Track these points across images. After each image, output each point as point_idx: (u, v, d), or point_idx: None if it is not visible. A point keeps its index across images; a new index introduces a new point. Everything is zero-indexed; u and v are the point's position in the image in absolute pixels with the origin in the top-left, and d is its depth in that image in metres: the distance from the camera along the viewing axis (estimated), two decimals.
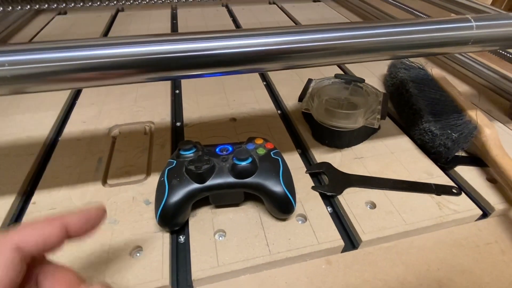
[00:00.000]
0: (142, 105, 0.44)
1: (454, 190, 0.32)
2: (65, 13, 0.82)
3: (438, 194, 0.32)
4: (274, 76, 0.53)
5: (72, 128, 0.40)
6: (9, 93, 0.20)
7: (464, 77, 0.52)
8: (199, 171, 0.26)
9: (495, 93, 0.48)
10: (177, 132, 0.40)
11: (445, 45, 0.24)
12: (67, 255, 0.26)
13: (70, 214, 0.18)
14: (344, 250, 0.28)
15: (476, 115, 0.36)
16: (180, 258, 0.27)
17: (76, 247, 0.26)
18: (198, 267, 0.25)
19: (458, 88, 0.42)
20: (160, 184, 0.27)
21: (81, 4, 0.68)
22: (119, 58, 0.22)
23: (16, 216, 0.30)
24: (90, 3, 0.71)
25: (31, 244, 0.16)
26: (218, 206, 0.30)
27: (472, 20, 0.25)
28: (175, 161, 0.29)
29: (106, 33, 0.70)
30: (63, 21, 0.76)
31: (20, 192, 0.31)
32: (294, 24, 0.75)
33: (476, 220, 0.31)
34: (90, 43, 0.22)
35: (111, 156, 0.36)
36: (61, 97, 0.46)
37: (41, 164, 0.35)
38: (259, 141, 0.31)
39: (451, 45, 0.25)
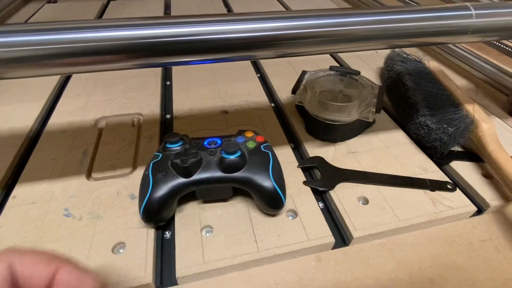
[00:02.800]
0: (131, 97, 0.43)
1: (448, 186, 0.31)
2: (55, 1, 0.79)
3: (433, 190, 0.31)
4: (268, 68, 0.51)
5: (57, 119, 0.39)
6: None
7: (461, 71, 0.51)
8: (185, 165, 0.25)
9: (493, 88, 0.47)
10: (166, 125, 0.39)
11: (443, 34, 0.23)
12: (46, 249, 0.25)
13: (70, 265, 0.16)
14: (335, 246, 0.27)
15: (473, 110, 0.35)
16: (164, 254, 0.26)
17: (56, 243, 0.25)
18: (183, 264, 0.24)
19: (456, 82, 0.41)
20: (145, 178, 0.26)
21: None
22: (104, 42, 0.20)
23: None
24: None
25: (23, 273, 0.15)
26: (206, 201, 0.29)
27: (471, 8, 0.23)
28: (160, 154, 0.27)
29: None
30: (53, 9, 0.74)
31: (1, 185, 0.30)
32: None
33: (470, 217, 0.30)
34: (73, 25, 0.20)
35: (96, 149, 0.35)
36: (47, 87, 0.44)
37: (23, 157, 0.34)
38: (249, 134, 0.30)
39: (449, 34, 0.23)
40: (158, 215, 0.25)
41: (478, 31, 0.24)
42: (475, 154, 0.35)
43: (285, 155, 0.34)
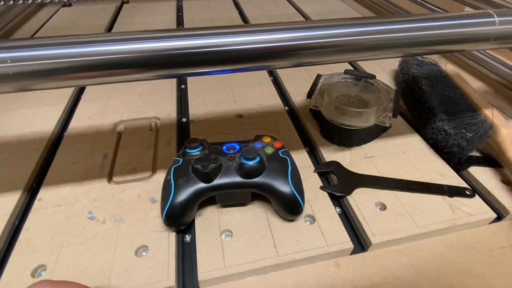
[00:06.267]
0: (147, 100, 0.44)
1: (467, 192, 0.31)
2: (69, 5, 0.81)
3: (451, 195, 0.31)
4: (281, 72, 0.51)
5: (77, 123, 0.40)
6: (13, 90, 0.20)
7: (479, 74, 0.51)
8: (206, 170, 0.26)
9: (511, 91, 0.46)
10: (183, 129, 0.39)
11: (466, 41, 0.23)
12: (72, 253, 0.25)
13: None
14: (353, 252, 0.27)
15: (492, 114, 0.34)
16: (186, 258, 0.26)
17: (82, 245, 0.26)
18: (205, 268, 0.25)
19: (473, 85, 0.40)
20: (166, 183, 0.27)
21: None
22: (125, 54, 0.21)
23: (22, 212, 0.29)
24: None
25: None
26: (225, 205, 0.29)
27: (494, 15, 0.23)
28: (181, 159, 0.28)
29: (111, 26, 0.69)
30: (68, 13, 0.75)
31: (26, 188, 0.31)
32: (302, 18, 0.73)
33: (489, 223, 0.30)
34: (95, 39, 0.21)
35: (116, 153, 0.35)
36: (66, 91, 0.45)
37: (46, 160, 0.35)
38: (267, 140, 0.30)
39: (472, 41, 0.23)
40: (180, 219, 0.26)
41: (501, 38, 0.24)
42: (494, 159, 0.34)
43: (301, 160, 0.35)
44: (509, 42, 0.24)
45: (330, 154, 0.35)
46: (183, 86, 0.48)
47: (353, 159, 0.35)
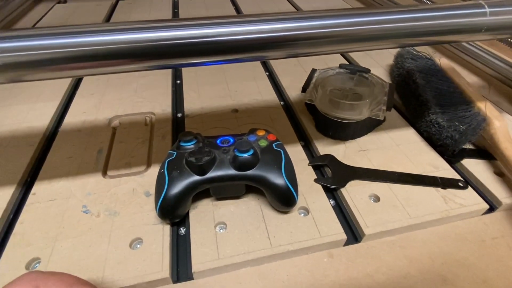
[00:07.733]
0: (142, 96, 0.44)
1: (460, 184, 0.31)
2: (65, 1, 0.80)
3: (444, 187, 0.31)
4: (276, 66, 0.51)
5: (72, 118, 0.40)
6: (4, 81, 0.20)
7: (473, 68, 0.51)
8: (200, 163, 0.26)
9: (505, 84, 0.47)
10: (178, 123, 0.39)
11: (456, 32, 0.23)
12: (66, 246, 0.26)
13: None
14: (347, 243, 0.27)
15: (485, 107, 0.35)
16: (180, 250, 0.26)
17: (76, 238, 0.26)
18: (199, 260, 0.25)
19: (467, 79, 0.40)
20: (160, 176, 0.27)
21: None
22: (118, 45, 0.21)
23: (17, 207, 0.29)
24: None
25: None
26: (219, 198, 0.29)
27: (485, 6, 0.23)
28: (175, 153, 0.28)
29: (106, 22, 0.68)
30: (63, 10, 0.75)
31: (20, 182, 0.31)
32: None
33: (482, 214, 0.30)
34: (87, 29, 0.21)
35: (111, 147, 0.35)
36: (61, 87, 0.45)
37: (41, 155, 0.35)
38: (261, 133, 0.30)
39: (463, 32, 0.23)
40: (174, 211, 0.26)
41: (492, 29, 0.24)
42: (487, 151, 0.35)
43: (296, 153, 0.35)
44: (500, 33, 0.24)
45: (324, 147, 0.36)
46: (178, 82, 0.48)
47: (347, 152, 0.35)
